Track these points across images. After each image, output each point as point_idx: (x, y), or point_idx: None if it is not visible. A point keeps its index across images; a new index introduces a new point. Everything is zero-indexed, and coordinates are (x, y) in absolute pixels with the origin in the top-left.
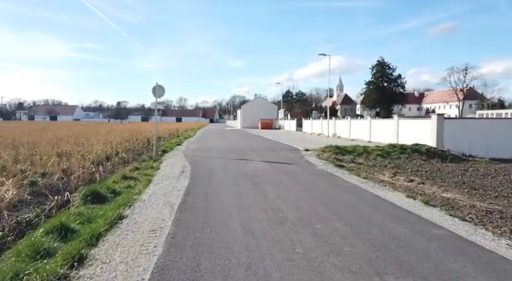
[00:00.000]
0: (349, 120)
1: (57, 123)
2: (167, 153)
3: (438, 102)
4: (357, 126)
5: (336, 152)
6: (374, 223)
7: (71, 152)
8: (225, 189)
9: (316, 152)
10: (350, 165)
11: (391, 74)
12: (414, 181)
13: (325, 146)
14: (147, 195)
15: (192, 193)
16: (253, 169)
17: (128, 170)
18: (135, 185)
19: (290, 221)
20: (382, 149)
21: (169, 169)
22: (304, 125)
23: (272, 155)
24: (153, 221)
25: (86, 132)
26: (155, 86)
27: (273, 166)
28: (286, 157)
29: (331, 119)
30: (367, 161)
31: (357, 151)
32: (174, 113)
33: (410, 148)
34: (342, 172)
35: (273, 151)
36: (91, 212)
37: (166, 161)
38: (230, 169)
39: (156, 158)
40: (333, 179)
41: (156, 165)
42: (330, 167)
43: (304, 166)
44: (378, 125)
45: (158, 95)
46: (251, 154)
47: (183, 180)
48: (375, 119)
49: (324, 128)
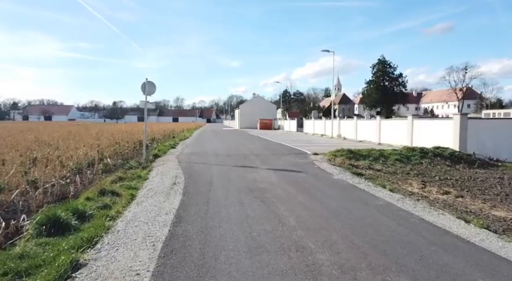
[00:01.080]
0: (355, 120)
1: (49, 123)
2: (159, 158)
3: (436, 102)
4: (364, 127)
5: (349, 156)
6: (453, 274)
7: (49, 158)
8: (228, 212)
9: (326, 156)
10: (368, 172)
11: (392, 72)
12: (450, 193)
13: (337, 150)
14: (124, 222)
15: (184, 220)
16: (259, 179)
17: (109, 181)
18: (113, 205)
19: (327, 273)
20: (400, 152)
21: (159, 180)
22: (305, 125)
23: (278, 161)
24: (122, 276)
25: (74, 134)
26: (145, 83)
27: (282, 176)
28: (295, 163)
29: (335, 119)
30: (386, 166)
31: (372, 155)
32: (171, 113)
33: (432, 152)
34: (365, 183)
35: (278, 155)
36: (38, 253)
37: (156, 169)
38: (232, 179)
39: (146, 165)
40: (359, 195)
41: (144, 174)
42: (348, 177)
43: (318, 175)
44: (388, 125)
45: (148, 92)
46: (254, 159)
47: (173, 197)
48: (385, 119)
49: (327, 129)
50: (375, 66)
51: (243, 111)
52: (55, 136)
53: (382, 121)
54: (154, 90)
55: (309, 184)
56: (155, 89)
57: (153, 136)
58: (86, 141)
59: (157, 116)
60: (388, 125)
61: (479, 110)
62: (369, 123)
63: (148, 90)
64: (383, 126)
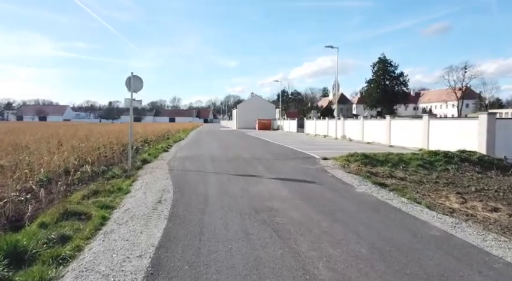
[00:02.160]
0: (362, 120)
1: (42, 123)
2: (148, 164)
3: (435, 102)
4: (372, 128)
5: (365, 162)
6: None
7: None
8: (230, 253)
9: (338, 161)
10: (391, 181)
11: (393, 71)
12: (499, 209)
13: (349, 155)
14: (75, 273)
15: (164, 269)
16: (266, 194)
17: (80, 196)
18: (73, 235)
19: None
20: (421, 157)
21: (142, 195)
22: (306, 125)
23: (284, 168)
24: None
25: (62, 135)
26: (130, 77)
27: (293, 188)
28: (304, 170)
29: (339, 119)
30: (409, 174)
31: (390, 161)
32: (167, 113)
33: (458, 156)
34: (397, 199)
35: (283, 160)
36: None
37: (142, 179)
38: (232, 194)
39: (130, 173)
40: (399, 218)
41: (126, 185)
42: (373, 189)
43: (337, 188)
44: (399, 126)
45: (134, 88)
46: (256, 165)
47: (155, 224)
48: (396, 119)
49: (330, 129)
50: (375, 65)
51: (241, 111)
52: (35, 138)
53: (392, 121)
54: (141, 87)
55: (330, 202)
56: (142, 85)
57: (146, 137)
58: (70, 143)
59: (153, 116)
60: (400, 125)
61: (479, 110)
62: (378, 123)
63: (135, 86)
64: (393, 126)
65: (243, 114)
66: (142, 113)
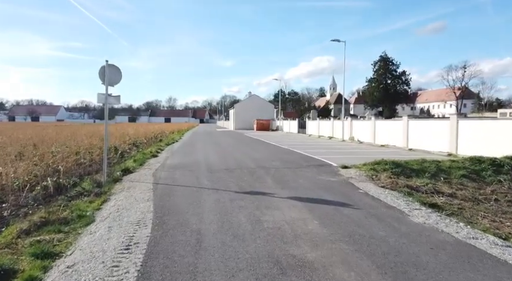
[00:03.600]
0: (374, 120)
1: (32, 124)
2: (130, 175)
3: (433, 102)
4: (386, 129)
5: (396, 172)
6: None
7: None
8: None
9: (362, 171)
10: (441, 200)
11: (394, 70)
12: None
13: (375, 162)
14: None
15: None
16: (287, 229)
17: (16, 231)
18: None
19: None
20: (462, 165)
21: (105, 233)
22: (308, 126)
23: (299, 180)
24: None
25: (42, 137)
26: (104, 67)
27: (323, 217)
28: (325, 183)
29: (346, 119)
30: (455, 188)
31: (427, 170)
32: (163, 113)
33: (509, 165)
34: (485, 238)
35: (294, 169)
36: None
37: (115, 199)
38: (239, 232)
39: (103, 189)
40: None
41: (91, 209)
42: (431, 216)
43: (381, 214)
44: (420, 127)
45: (110, 81)
46: (264, 176)
47: None
48: (415, 120)
49: (335, 131)
50: (376, 63)
51: (238, 111)
52: (9, 141)
53: (410, 122)
54: (120, 79)
55: (388, 245)
56: (120, 77)
57: (136, 140)
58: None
59: (148, 117)
60: (420, 126)
61: (478, 110)
62: (392, 124)
63: (111, 78)
64: (412, 128)
65: (241, 114)
66: (137, 114)
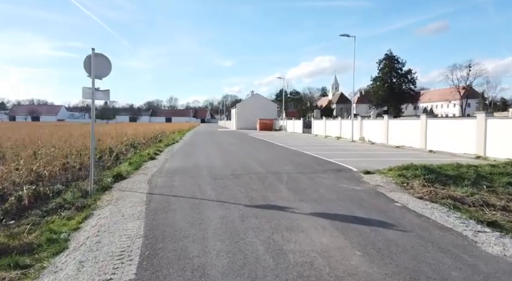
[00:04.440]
0: (387, 119)
1: (31, 123)
2: (121, 182)
3: (436, 101)
4: (400, 129)
5: (430, 179)
6: None
7: None
8: None
9: (389, 177)
10: (496, 216)
11: (400, 68)
12: None
13: (403, 167)
14: None
15: None
16: (321, 265)
17: None
18: None
19: None
20: (504, 171)
21: (72, 273)
22: (314, 125)
23: (319, 189)
24: None
25: (34, 137)
26: (90, 56)
27: (365, 245)
28: (351, 193)
29: (355, 119)
30: (506, 199)
31: (466, 176)
32: (164, 113)
33: None
34: None
35: (309, 175)
36: None
37: (99, 216)
38: (258, 271)
39: (87, 201)
40: None
41: (67, 230)
42: (503, 241)
43: (434, 237)
44: (440, 127)
45: (98, 73)
46: (277, 183)
47: None
48: (435, 119)
49: (344, 130)
50: (381, 61)
51: (241, 110)
52: None
53: (429, 121)
54: (109, 71)
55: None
56: (110, 68)
57: (134, 140)
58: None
59: (149, 116)
60: (440, 126)
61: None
62: (407, 124)
63: (98, 70)
64: (432, 128)
65: (243, 114)
66: (138, 113)
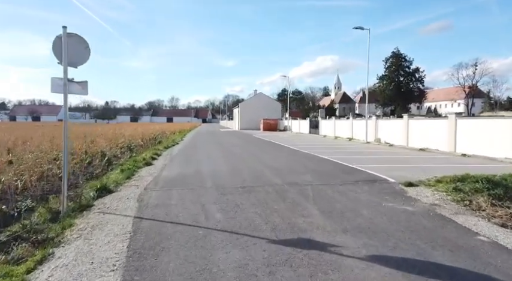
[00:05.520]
0: (407, 119)
1: (30, 124)
2: (105, 198)
3: (441, 100)
4: (422, 129)
5: (497, 195)
6: None
7: None
8: None
9: (441, 191)
10: None
11: (407, 67)
12: None
13: (456, 179)
14: None
15: None
16: None
17: None
18: None
19: None
20: None
21: None
22: (322, 126)
23: (362, 211)
24: None
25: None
26: (61, 37)
27: None
28: (405, 218)
29: (369, 119)
30: None
31: None
32: (165, 113)
33: None
34: None
35: (339, 189)
36: None
37: (57, 260)
38: None
39: (48, 235)
40: None
41: None
42: None
43: None
44: (473, 127)
45: (72, 59)
46: (301, 201)
47: None
48: (466, 118)
49: (356, 131)
50: (388, 59)
51: (243, 110)
52: None
53: (460, 121)
54: (87, 57)
55: None
56: (88, 54)
57: (131, 142)
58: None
59: (150, 116)
60: (473, 126)
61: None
62: (432, 124)
63: (73, 55)
64: (462, 128)
65: (246, 113)
66: (139, 113)
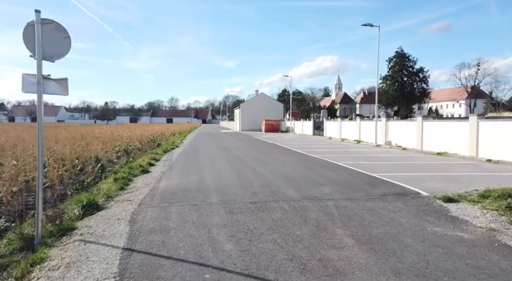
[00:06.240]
0: (421, 121)
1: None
2: (91, 217)
3: (442, 101)
4: (439, 132)
5: None
6: None
7: None
8: None
9: (490, 209)
10: None
11: (411, 66)
12: None
13: (507, 193)
14: None
15: None
16: None
17: None
18: None
19: None
20: None
21: None
22: (327, 127)
23: (400, 237)
24: None
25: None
26: (33, 25)
27: None
28: (459, 249)
29: (379, 120)
30: None
31: None
32: (165, 114)
33: None
34: None
35: (366, 205)
36: None
37: None
38: None
39: (13, 273)
40: None
41: None
42: None
43: None
44: (496, 129)
45: (48, 51)
46: (328, 224)
47: None
48: (488, 121)
49: (364, 133)
50: (391, 59)
51: (244, 110)
52: None
53: (481, 123)
54: (67, 49)
55: None
56: (68, 45)
57: (128, 145)
58: None
59: (150, 117)
60: (498, 129)
61: (494, 109)
62: (451, 126)
63: (49, 47)
64: (485, 131)
65: (247, 114)
66: (139, 114)
